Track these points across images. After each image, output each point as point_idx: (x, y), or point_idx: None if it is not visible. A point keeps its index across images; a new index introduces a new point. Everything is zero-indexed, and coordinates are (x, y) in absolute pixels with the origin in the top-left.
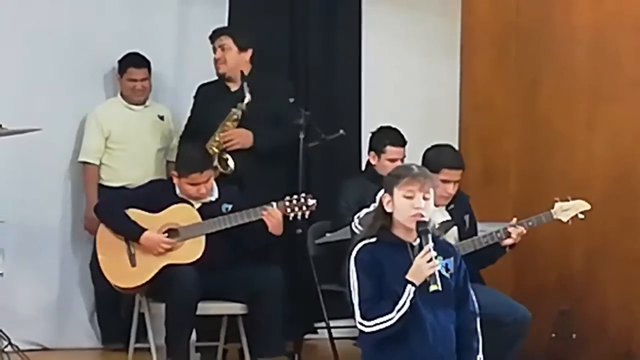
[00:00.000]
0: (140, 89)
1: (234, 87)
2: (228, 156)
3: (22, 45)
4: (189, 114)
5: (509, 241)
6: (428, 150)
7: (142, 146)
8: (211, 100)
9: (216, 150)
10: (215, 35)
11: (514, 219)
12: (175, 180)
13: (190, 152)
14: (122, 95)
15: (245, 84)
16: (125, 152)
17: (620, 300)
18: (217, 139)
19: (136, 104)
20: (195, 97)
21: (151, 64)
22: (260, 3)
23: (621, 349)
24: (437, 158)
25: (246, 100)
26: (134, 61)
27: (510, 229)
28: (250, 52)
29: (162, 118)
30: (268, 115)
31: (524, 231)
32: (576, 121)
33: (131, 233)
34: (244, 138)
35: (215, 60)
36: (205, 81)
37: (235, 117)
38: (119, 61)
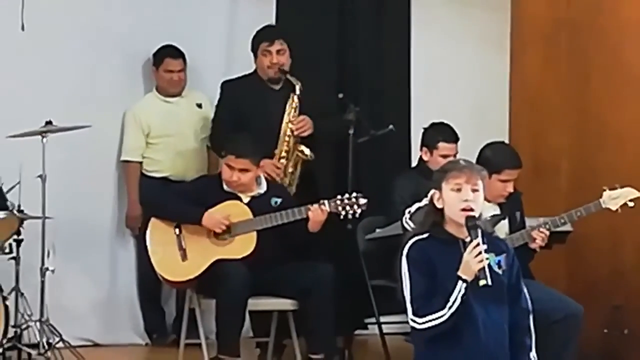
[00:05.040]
0: (177, 80)
1: (277, 87)
2: (302, 147)
3: (71, 44)
4: (214, 111)
5: (535, 244)
6: (484, 149)
7: (183, 136)
8: (257, 98)
9: (292, 142)
10: (272, 38)
11: (541, 219)
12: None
13: (235, 136)
14: (157, 88)
15: (288, 75)
16: (167, 145)
17: None
18: (290, 132)
19: (172, 96)
20: (224, 93)
21: (186, 57)
22: None
23: None
24: (497, 158)
25: (298, 87)
26: (170, 52)
27: (533, 234)
28: None
29: (199, 106)
30: (313, 111)
31: (547, 233)
32: (626, 115)
33: (193, 215)
34: (309, 123)
35: (273, 64)
36: (228, 78)
37: (295, 105)
38: (154, 54)
